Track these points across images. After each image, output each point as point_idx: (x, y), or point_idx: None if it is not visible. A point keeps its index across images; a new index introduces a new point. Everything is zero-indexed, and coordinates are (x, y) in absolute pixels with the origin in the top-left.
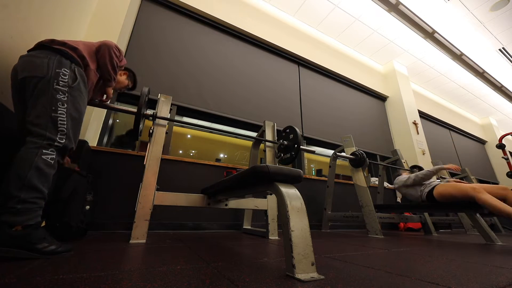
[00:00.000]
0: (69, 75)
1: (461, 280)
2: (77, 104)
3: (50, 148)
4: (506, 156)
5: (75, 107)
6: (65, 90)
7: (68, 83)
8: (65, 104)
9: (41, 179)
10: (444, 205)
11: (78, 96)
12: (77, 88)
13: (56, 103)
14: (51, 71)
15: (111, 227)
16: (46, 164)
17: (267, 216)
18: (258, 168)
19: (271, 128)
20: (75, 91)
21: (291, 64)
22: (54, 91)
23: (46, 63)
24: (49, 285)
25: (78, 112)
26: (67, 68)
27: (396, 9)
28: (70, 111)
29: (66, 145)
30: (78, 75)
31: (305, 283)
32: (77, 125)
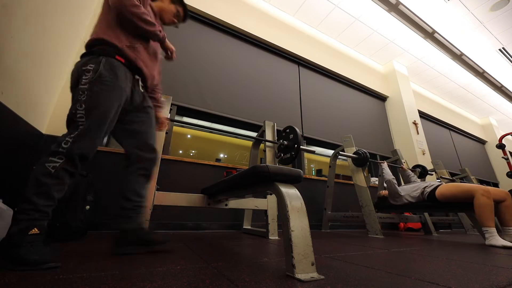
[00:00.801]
0: (93, 69)
1: (461, 280)
2: (95, 100)
3: (57, 156)
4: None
5: (93, 105)
6: (85, 88)
7: (89, 78)
8: (83, 105)
9: (36, 189)
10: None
11: (98, 90)
12: (98, 81)
13: (76, 106)
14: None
15: (111, 227)
16: (44, 173)
17: (267, 216)
18: (258, 168)
19: (271, 128)
20: (95, 85)
21: (291, 64)
22: (76, 93)
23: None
24: (49, 285)
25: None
26: (92, 63)
27: (396, 9)
28: (87, 111)
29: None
30: (102, 65)
31: (305, 283)
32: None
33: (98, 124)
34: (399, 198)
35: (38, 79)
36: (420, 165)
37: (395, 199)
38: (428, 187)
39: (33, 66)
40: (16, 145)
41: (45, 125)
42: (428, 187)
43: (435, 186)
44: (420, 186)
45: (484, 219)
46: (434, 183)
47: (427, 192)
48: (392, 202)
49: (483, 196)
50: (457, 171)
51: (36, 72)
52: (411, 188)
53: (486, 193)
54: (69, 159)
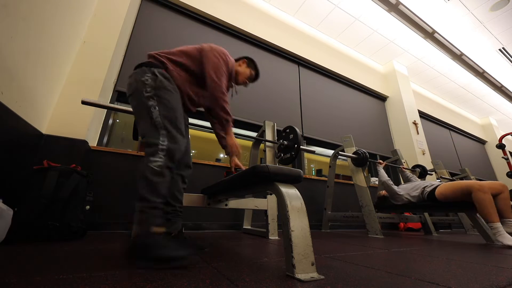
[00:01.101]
0: (151, 78)
1: (461, 280)
2: (166, 102)
3: (158, 154)
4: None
5: (165, 106)
6: (151, 94)
7: (152, 85)
8: (156, 108)
9: (149, 188)
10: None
11: (165, 94)
12: (161, 86)
13: (150, 109)
14: (138, 83)
15: (111, 227)
16: (152, 172)
17: (267, 216)
18: (258, 168)
19: (271, 128)
20: (160, 90)
21: (291, 64)
22: (146, 99)
23: (134, 79)
24: (49, 285)
25: (171, 110)
26: (148, 73)
27: (396, 9)
28: (163, 112)
29: (169, 146)
30: (158, 73)
31: (305, 283)
32: (175, 122)
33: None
34: (399, 197)
35: (38, 79)
36: (420, 165)
37: (395, 199)
38: (428, 187)
39: (33, 66)
40: (16, 145)
41: (45, 125)
42: (428, 186)
43: (435, 186)
44: (420, 185)
45: (487, 215)
46: (434, 183)
47: (427, 192)
48: (393, 202)
49: (479, 191)
50: (457, 171)
51: (36, 72)
52: (410, 187)
53: (481, 188)
54: (170, 155)
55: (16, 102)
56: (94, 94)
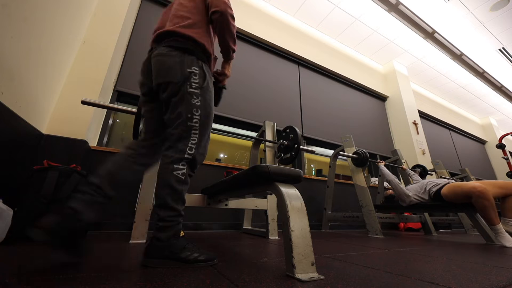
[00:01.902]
0: (199, 74)
1: (461, 280)
2: (208, 108)
3: (181, 162)
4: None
5: (207, 112)
6: (198, 92)
7: (200, 83)
8: (198, 110)
9: (174, 197)
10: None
11: (209, 98)
12: (207, 89)
13: (192, 110)
14: (184, 73)
15: (111, 227)
16: (177, 180)
17: (267, 216)
18: (258, 168)
19: (271, 128)
20: (206, 92)
21: (291, 64)
22: (189, 95)
23: (178, 63)
24: (49, 285)
25: (209, 117)
26: (196, 66)
27: (396, 9)
28: (202, 118)
29: (195, 156)
30: (207, 73)
31: (305, 283)
32: (207, 131)
33: (209, 132)
34: (408, 198)
35: (38, 79)
36: (420, 165)
37: (403, 200)
38: (434, 186)
39: (33, 66)
40: (16, 145)
41: (45, 125)
42: (433, 186)
43: (441, 185)
44: (426, 184)
45: (488, 220)
46: (441, 182)
47: (433, 192)
48: (400, 203)
49: (480, 198)
50: (457, 171)
51: (36, 72)
52: (419, 187)
53: (482, 195)
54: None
55: (16, 102)
56: (94, 94)
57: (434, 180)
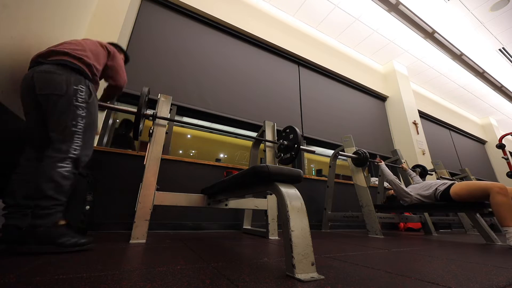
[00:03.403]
0: (85, 91)
1: (461, 280)
2: (94, 118)
3: (65, 161)
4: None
5: (92, 120)
6: (84, 106)
7: (85, 99)
8: (84, 120)
9: (58, 190)
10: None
11: (94, 112)
12: (93, 104)
13: (77, 119)
14: (70, 89)
15: (111, 227)
16: (62, 176)
17: (267, 216)
18: (258, 168)
19: (271, 128)
20: (91, 106)
21: (291, 64)
22: (74, 107)
23: (65, 81)
24: (49, 285)
25: (94, 125)
26: (83, 84)
27: (396, 9)
28: (86, 126)
29: (79, 156)
30: (92, 91)
31: (305, 283)
32: (92, 137)
33: (93, 136)
34: (409, 198)
35: None
36: (420, 165)
37: (404, 199)
38: (441, 186)
39: None
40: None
41: None
42: (441, 185)
43: (449, 185)
44: (432, 185)
45: (502, 219)
46: (447, 182)
47: (440, 191)
48: (402, 202)
49: (499, 194)
50: (457, 171)
51: None
52: (421, 186)
53: (502, 191)
54: (77, 164)
55: (16, 102)
56: None
57: (439, 180)
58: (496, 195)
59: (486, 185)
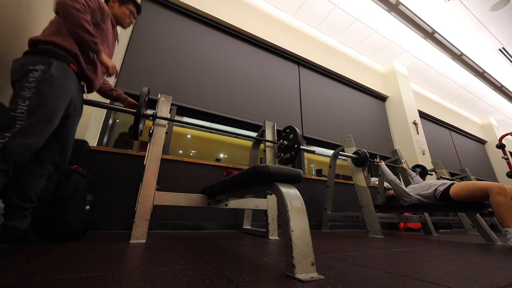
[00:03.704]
0: (42, 69)
1: (461, 280)
2: (44, 99)
3: None
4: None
5: (39, 103)
6: (32, 85)
7: (37, 77)
8: (27, 101)
9: None
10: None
11: (48, 90)
12: (48, 81)
13: (17, 101)
14: (25, 70)
15: (111, 227)
16: None
17: (267, 216)
18: (258, 168)
19: (271, 128)
20: (45, 84)
21: (291, 64)
22: (20, 89)
23: (21, 64)
24: (49, 285)
25: (44, 108)
26: (43, 64)
27: (396, 9)
28: (32, 108)
29: (6, 145)
30: (53, 68)
31: (305, 283)
32: (41, 122)
33: (43, 122)
34: (409, 198)
35: None
36: (420, 165)
37: (404, 199)
38: (441, 186)
39: None
40: None
41: None
42: (441, 185)
43: (448, 185)
44: (432, 185)
45: (503, 219)
46: (447, 182)
47: (440, 191)
48: (402, 203)
49: (499, 195)
50: (457, 171)
51: None
52: (421, 187)
53: (502, 191)
54: (3, 155)
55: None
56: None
57: (439, 180)
58: (496, 195)
59: (486, 185)
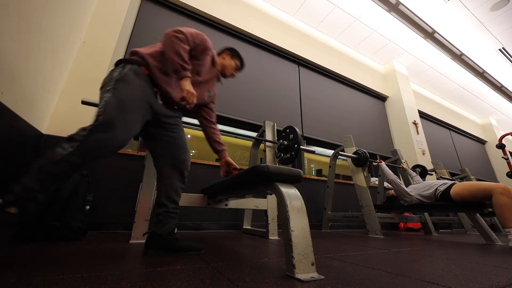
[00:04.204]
0: (119, 71)
1: (461, 280)
2: (119, 93)
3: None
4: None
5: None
6: (111, 87)
7: (115, 78)
8: (104, 100)
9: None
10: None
11: (122, 86)
12: (123, 79)
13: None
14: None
15: (111, 227)
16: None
17: (267, 216)
18: (258, 168)
19: (271, 128)
20: (119, 83)
21: (291, 64)
22: (102, 92)
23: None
24: (49, 285)
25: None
26: (121, 68)
27: (396, 9)
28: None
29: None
30: (127, 68)
31: (305, 283)
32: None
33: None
34: (409, 198)
35: (38, 79)
36: (420, 165)
37: (404, 199)
38: (441, 186)
39: (33, 66)
40: (16, 145)
41: (45, 125)
42: (441, 185)
43: (449, 185)
44: (433, 185)
45: (505, 220)
46: (448, 182)
47: (440, 191)
48: (402, 202)
49: (502, 195)
50: (457, 171)
51: (36, 72)
52: (422, 187)
53: (505, 192)
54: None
55: (16, 102)
56: (94, 94)
57: (439, 180)
58: (499, 196)
59: (489, 186)
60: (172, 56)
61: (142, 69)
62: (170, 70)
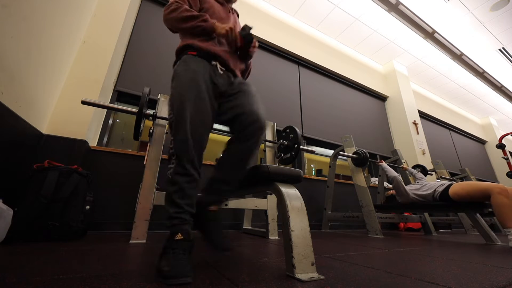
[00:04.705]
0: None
1: (461, 280)
2: (177, 95)
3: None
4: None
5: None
6: (172, 91)
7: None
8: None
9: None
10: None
11: (176, 84)
12: (176, 78)
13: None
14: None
15: (111, 227)
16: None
17: (267, 216)
18: (258, 168)
19: (271, 128)
20: (177, 77)
21: (291, 64)
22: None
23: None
24: (49, 285)
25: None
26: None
27: (396, 9)
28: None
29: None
30: (177, 66)
31: (305, 283)
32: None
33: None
34: (406, 196)
35: (38, 79)
36: (420, 165)
37: (401, 197)
38: (440, 187)
39: (33, 66)
40: (16, 145)
41: (45, 125)
42: (439, 187)
43: (447, 185)
44: (431, 186)
45: (504, 220)
46: (446, 183)
47: (439, 192)
48: (398, 198)
49: (500, 195)
50: (457, 171)
51: (36, 72)
52: (420, 187)
53: (503, 192)
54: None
55: (16, 102)
56: (94, 94)
57: (439, 181)
58: (498, 196)
59: (487, 186)
60: (185, 25)
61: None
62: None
